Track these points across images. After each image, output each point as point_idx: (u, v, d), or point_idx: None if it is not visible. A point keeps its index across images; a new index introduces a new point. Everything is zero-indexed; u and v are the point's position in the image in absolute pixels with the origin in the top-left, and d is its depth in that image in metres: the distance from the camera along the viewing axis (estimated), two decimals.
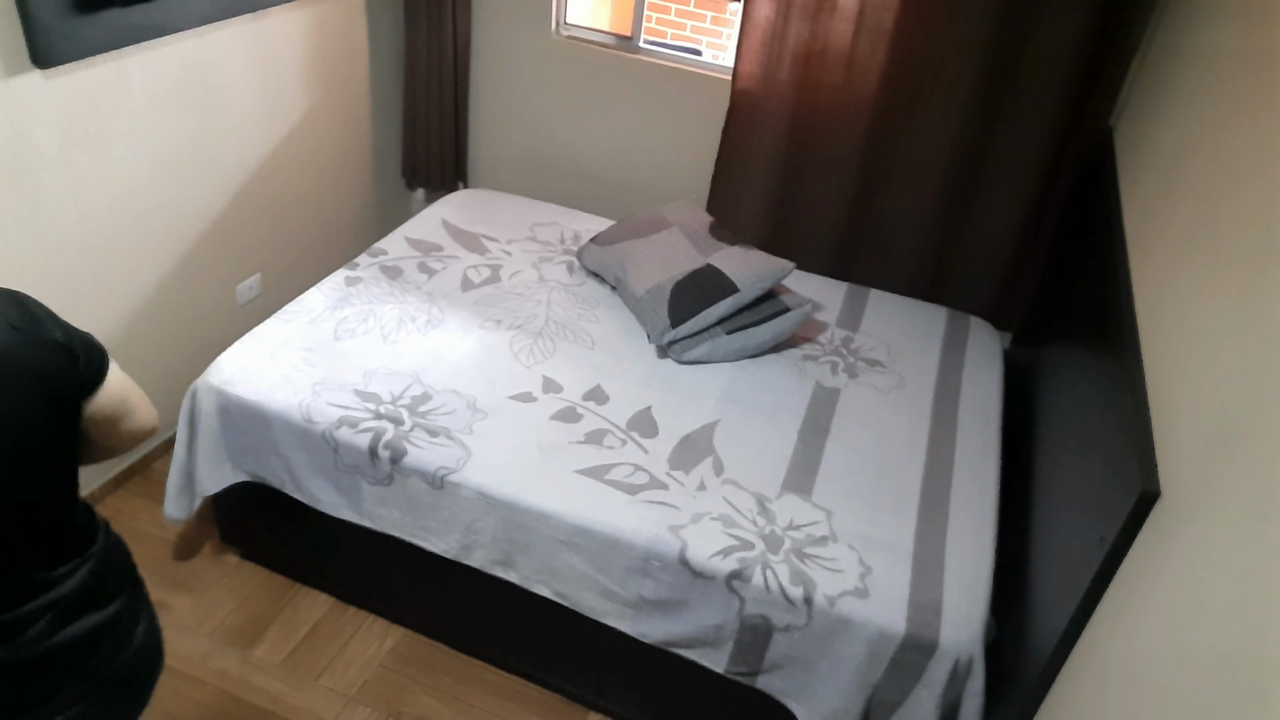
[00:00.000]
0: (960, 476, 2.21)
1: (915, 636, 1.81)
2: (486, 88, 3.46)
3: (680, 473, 2.11)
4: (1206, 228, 1.56)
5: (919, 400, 2.46)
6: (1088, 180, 2.69)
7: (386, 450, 2.07)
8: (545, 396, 2.29)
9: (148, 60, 2.34)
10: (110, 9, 2.16)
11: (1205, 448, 1.23)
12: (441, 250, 2.86)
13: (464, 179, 3.65)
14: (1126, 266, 1.91)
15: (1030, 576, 1.87)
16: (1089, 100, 2.70)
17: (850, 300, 2.89)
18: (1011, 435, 2.44)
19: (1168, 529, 1.26)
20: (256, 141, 2.81)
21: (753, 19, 2.88)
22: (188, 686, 2.21)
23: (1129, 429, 1.46)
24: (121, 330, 2.52)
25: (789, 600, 1.85)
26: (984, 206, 2.94)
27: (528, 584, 2.07)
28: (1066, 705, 1.46)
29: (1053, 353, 2.47)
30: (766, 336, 2.51)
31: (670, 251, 2.66)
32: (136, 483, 2.73)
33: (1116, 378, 1.65)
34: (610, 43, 3.28)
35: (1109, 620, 1.38)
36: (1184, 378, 1.40)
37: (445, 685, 2.28)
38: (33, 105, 2.09)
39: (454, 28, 3.25)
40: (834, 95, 2.91)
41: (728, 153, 3.10)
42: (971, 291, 3.07)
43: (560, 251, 2.95)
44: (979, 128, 2.81)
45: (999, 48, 2.67)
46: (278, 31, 2.76)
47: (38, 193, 2.16)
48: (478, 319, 2.55)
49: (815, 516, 2.04)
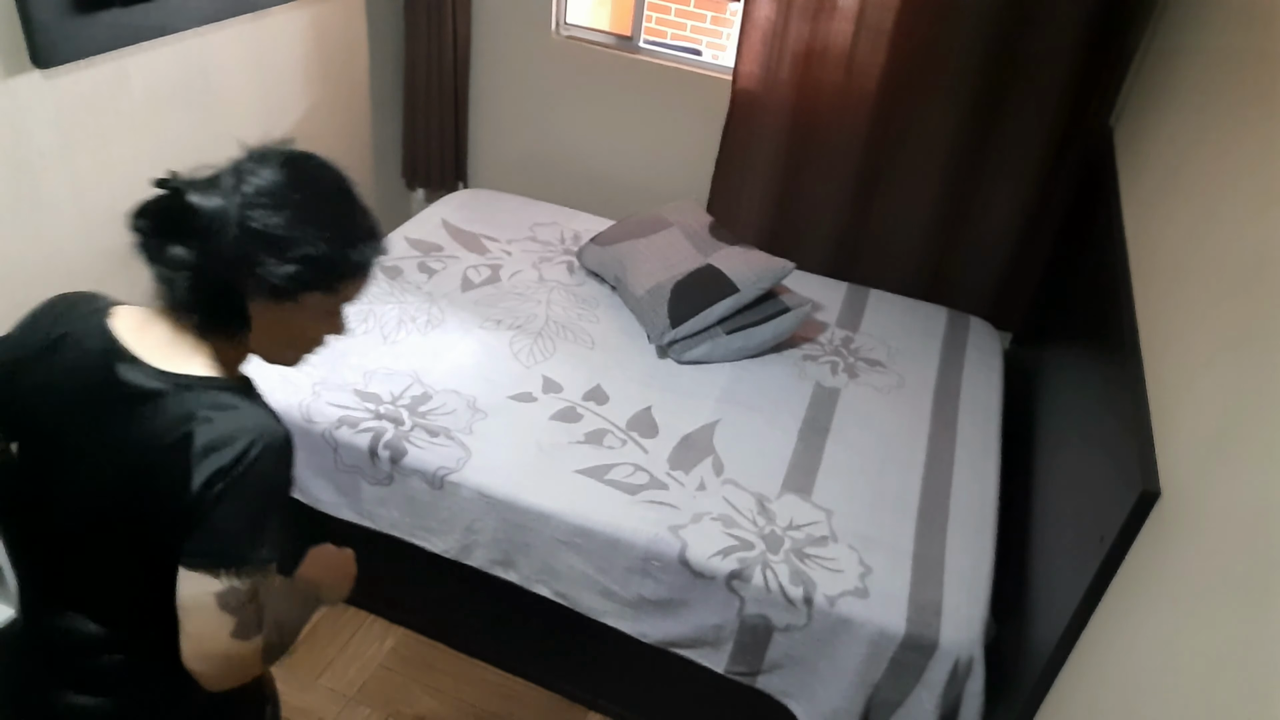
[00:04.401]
0: (960, 476, 2.21)
1: (915, 636, 1.81)
2: (486, 88, 3.46)
3: (680, 473, 2.11)
4: (1207, 227, 1.56)
5: (919, 400, 2.46)
6: (1088, 180, 2.69)
7: (386, 450, 2.07)
8: (545, 396, 2.29)
9: (148, 60, 2.34)
10: (110, 9, 2.15)
11: (1205, 448, 1.23)
12: (441, 250, 2.86)
13: (464, 179, 3.65)
14: (1126, 266, 1.91)
15: (1030, 576, 1.87)
16: (1089, 100, 2.70)
17: (850, 300, 2.89)
18: (1011, 435, 2.43)
19: (1168, 529, 1.26)
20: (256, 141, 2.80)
21: (753, 19, 2.88)
22: None
23: (1129, 429, 1.46)
24: None
25: (789, 600, 1.85)
26: (984, 206, 2.94)
27: (528, 584, 2.07)
28: (1066, 705, 1.46)
29: (1053, 353, 2.47)
30: (766, 336, 2.51)
31: (670, 251, 2.66)
32: None
33: (1116, 378, 1.64)
34: (610, 43, 3.28)
35: (1109, 620, 1.38)
36: (1184, 378, 1.40)
37: (445, 685, 2.28)
38: (33, 105, 2.09)
39: (454, 28, 3.25)
40: (834, 95, 2.91)
41: (728, 153, 3.10)
42: (971, 291, 3.06)
43: (560, 251, 2.95)
44: (979, 128, 2.81)
45: (999, 47, 2.67)
46: (278, 31, 2.76)
47: (38, 193, 2.16)
48: (478, 319, 2.55)
49: (815, 516, 2.04)
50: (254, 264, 1.00)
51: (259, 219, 1.00)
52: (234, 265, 1.00)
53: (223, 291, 1.02)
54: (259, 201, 1.01)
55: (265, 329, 1.06)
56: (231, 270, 1.01)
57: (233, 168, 1.05)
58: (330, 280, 1.06)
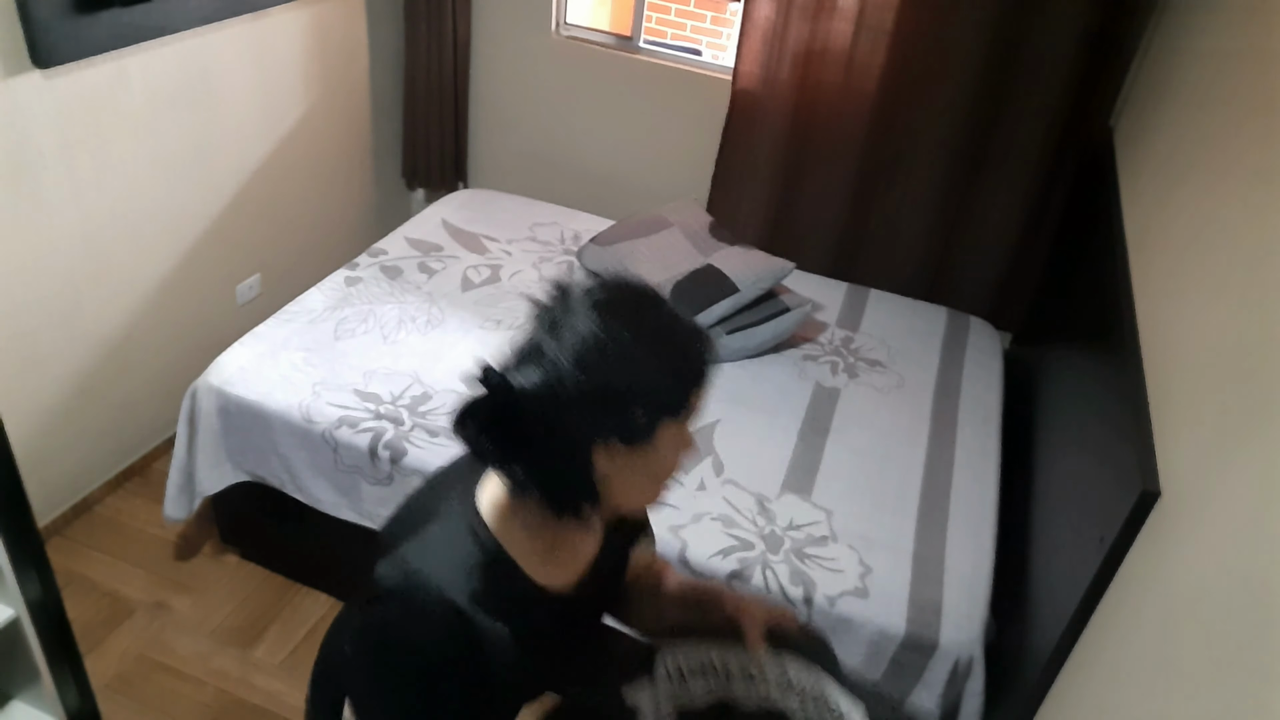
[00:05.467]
0: (960, 476, 2.21)
1: (915, 636, 1.81)
2: (486, 88, 3.46)
3: (680, 473, 2.10)
4: (1206, 227, 1.56)
5: (919, 400, 2.46)
6: (1088, 180, 2.69)
7: (386, 450, 2.07)
8: None
9: (148, 60, 2.34)
10: (110, 9, 2.16)
11: (1205, 448, 1.22)
12: (441, 250, 2.86)
13: (464, 179, 3.65)
14: (1126, 266, 1.91)
15: (1030, 576, 1.87)
16: (1089, 100, 2.70)
17: (850, 300, 2.89)
18: (1011, 435, 2.43)
19: (1168, 529, 1.26)
20: (256, 141, 2.81)
21: (753, 19, 2.88)
22: (188, 686, 2.21)
23: (1129, 429, 1.46)
24: (122, 330, 2.52)
25: (789, 600, 1.85)
26: (984, 206, 2.94)
27: None
28: (1066, 705, 1.46)
29: (1053, 353, 2.47)
30: (766, 336, 2.51)
31: (670, 251, 2.66)
32: (136, 483, 2.73)
33: (1116, 378, 1.64)
34: (610, 43, 3.28)
35: (1109, 620, 1.38)
36: (1184, 378, 1.40)
37: None
38: (33, 105, 2.09)
39: (454, 28, 3.25)
40: (834, 95, 2.91)
41: (728, 153, 3.10)
42: (971, 291, 3.07)
43: (560, 251, 2.95)
44: (979, 128, 2.81)
45: (999, 48, 2.67)
46: (278, 31, 2.76)
47: (38, 193, 2.16)
48: (478, 319, 2.55)
49: (815, 516, 2.04)
50: (603, 428, 0.93)
51: (594, 379, 0.91)
52: (581, 439, 0.94)
53: (573, 467, 0.96)
54: (589, 360, 0.91)
55: (622, 481, 0.99)
56: (580, 445, 0.94)
57: (546, 326, 0.96)
58: (681, 404, 0.97)
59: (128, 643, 2.28)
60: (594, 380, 0.91)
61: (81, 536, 2.54)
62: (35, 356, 2.28)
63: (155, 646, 2.29)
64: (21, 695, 1.57)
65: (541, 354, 0.93)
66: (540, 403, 0.91)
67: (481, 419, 0.94)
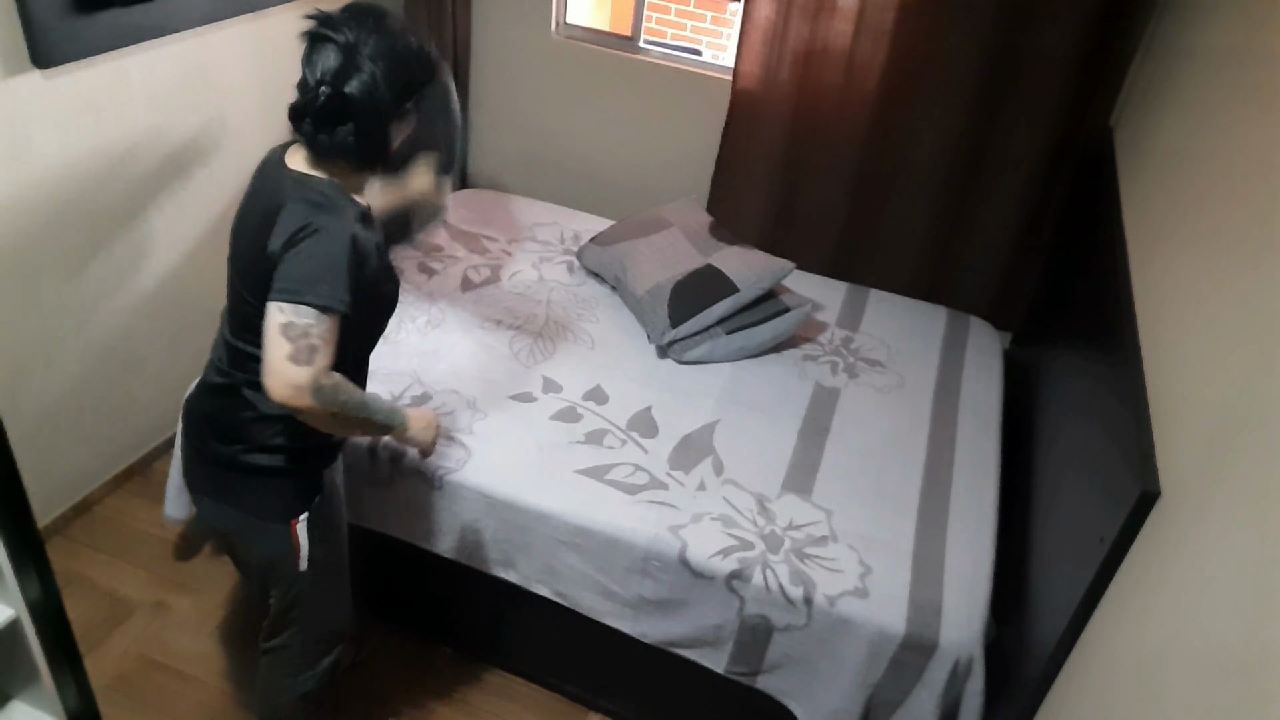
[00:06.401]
0: (960, 476, 2.21)
1: (915, 636, 1.81)
2: (486, 88, 3.46)
3: (680, 473, 2.11)
4: (1207, 227, 1.56)
5: (919, 400, 2.46)
6: (1088, 180, 2.69)
7: (386, 451, 2.07)
8: (545, 396, 2.29)
9: (148, 60, 2.34)
10: (110, 9, 2.16)
11: (1205, 448, 1.23)
12: (441, 250, 2.86)
13: (464, 179, 3.65)
14: (1126, 266, 1.91)
15: (1030, 576, 1.87)
16: (1089, 100, 2.70)
17: (850, 300, 2.89)
18: (1011, 435, 2.44)
19: (1168, 529, 1.26)
20: (256, 141, 2.80)
21: (753, 19, 2.88)
22: (188, 686, 2.21)
23: (1129, 429, 1.46)
24: (122, 329, 2.52)
25: (789, 600, 1.85)
26: (984, 206, 2.94)
27: (528, 584, 2.07)
28: (1066, 705, 1.46)
29: (1053, 353, 2.47)
30: (766, 336, 2.51)
31: (670, 251, 2.66)
32: (136, 483, 2.73)
33: (1116, 378, 1.65)
34: (610, 43, 3.28)
35: (1109, 620, 1.38)
36: (1184, 378, 1.40)
37: (445, 685, 2.28)
38: (33, 105, 2.09)
39: (454, 28, 3.25)
40: (834, 95, 2.91)
41: (728, 153, 3.10)
42: (971, 291, 3.07)
43: (560, 251, 2.95)
44: (979, 128, 2.81)
45: (999, 48, 2.67)
46: (278, 31, 2.75)
47: (38, 193, 2.16)
48: (478, 319, 2.55)
49: (815, 516, 2.04)
50: (395, 112, 1.45)
51: (386, 74, 1.40)
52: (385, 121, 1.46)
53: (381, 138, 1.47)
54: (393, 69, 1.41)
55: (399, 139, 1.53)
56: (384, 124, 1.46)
57: (345, 41, 1.38)
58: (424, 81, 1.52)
59: (128, 643, 2.29)
60: (395, 82, 1.42)
61: (81, 536, 2.54)
62: (35, 356, 2.29)
63: (155, 646, 2.29)
64: (21, 695, 1.56)
65: (355, 61, 1.38)
66: (360, 101, 1.39)
67: (313, 117, 1.40)
